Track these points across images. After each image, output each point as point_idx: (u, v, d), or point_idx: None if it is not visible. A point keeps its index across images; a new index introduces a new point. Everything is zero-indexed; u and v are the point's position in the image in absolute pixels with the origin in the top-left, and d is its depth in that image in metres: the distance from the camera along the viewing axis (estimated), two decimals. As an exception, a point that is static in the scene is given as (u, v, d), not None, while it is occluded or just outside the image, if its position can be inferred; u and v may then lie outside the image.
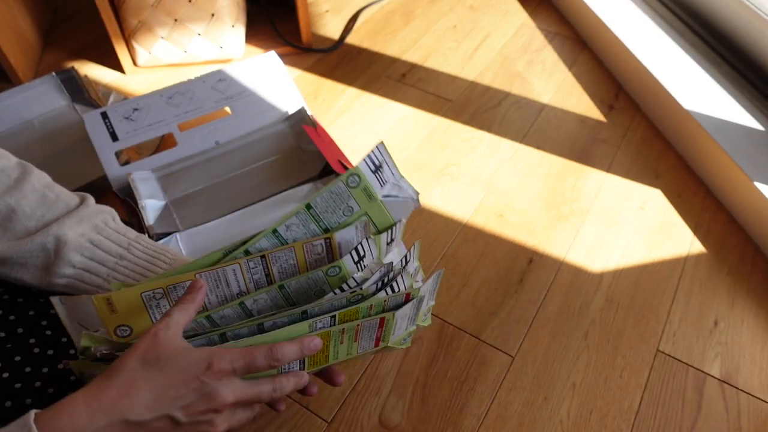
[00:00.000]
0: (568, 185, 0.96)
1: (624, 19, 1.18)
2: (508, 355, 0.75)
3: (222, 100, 0.85)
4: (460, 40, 1.27)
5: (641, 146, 1.03)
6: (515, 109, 1.10)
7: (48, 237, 0.45)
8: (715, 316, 0.79)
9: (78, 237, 0.46)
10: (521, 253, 0.86)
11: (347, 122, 1.07)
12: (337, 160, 0.78)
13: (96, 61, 1.19)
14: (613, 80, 1.17)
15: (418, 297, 0.49)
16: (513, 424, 0.68)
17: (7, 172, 0.47)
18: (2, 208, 0.45)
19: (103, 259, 0.48)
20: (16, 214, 0.45)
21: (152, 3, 1.03)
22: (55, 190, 0.49)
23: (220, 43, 1.12)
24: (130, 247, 0.49)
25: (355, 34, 1.28)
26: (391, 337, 0.50)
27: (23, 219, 0.46)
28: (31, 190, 0.47)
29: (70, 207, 0.48)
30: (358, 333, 0.46)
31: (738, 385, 0.72)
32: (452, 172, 0.98)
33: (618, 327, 0.78)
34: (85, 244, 0.47)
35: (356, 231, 0.49)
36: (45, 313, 0.49)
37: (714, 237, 0.89)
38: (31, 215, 0.46)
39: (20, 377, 0.44)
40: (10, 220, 0.45)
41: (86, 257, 0.47)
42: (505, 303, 0.80)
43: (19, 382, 0.44)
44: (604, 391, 0.71)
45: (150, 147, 0.96)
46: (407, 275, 0.50)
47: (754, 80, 1.01)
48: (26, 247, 0.45)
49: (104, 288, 0.48)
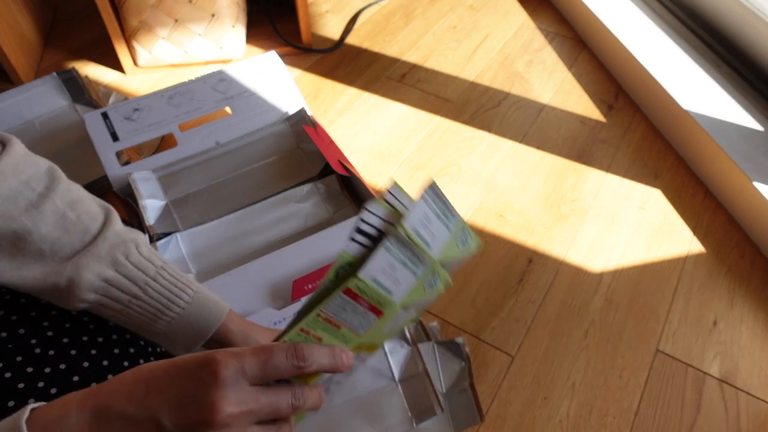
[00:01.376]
0: (568, 185, 0.96)
1: (624, 19, 1.18)
2: (507, 354, 0.75)
3: (222, 101, 0.85)
4: (460, 41, 1.27)
5: (641, 146, 1.03)
6: (515, 109, 1.10)
7: (61, 279, 0.43)
8: (715, 315, 0.79)
9: (93, 277, 0.44)
10: (521, 253, 0.86)
11: (347, 122, 1.07)
12: (337, 160, 0.78)
13: (96, 62, 1.19)
14: (613, 80, 1.17)
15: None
16: (513, 423, 0.68)
17: (32, 185, 0.45)
18: (18, 229, 0.43)
19: (117, 297, 0.45)
20: (31, 236, 0.42)
21: (153, 3, 1.03)
22: (77, 209, 0.45)
23: (220, 43, 1.12)
24: (146, 286, 0.46)
25: (355, 34, 1.28)
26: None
27: (38, 241, 0.43)
28: (52, 211, 0.44)
29: (89, 231, 0.45)
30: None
31: (737, 384, 0.73)
32: (452, 172, 0.98)
33: (617, 327, 0.78)
34: (99, 283, 0.44)
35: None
36: (47, 313, 0.49)
37: (713, 237, 0.89)
38: (46, 237, 0.43)
39: (23, 377, 0.44)
40: (24, 241, 0.43)
41: (100, 295, 0.45)
42: (505, 303, 0.80)
43: (22, 382, 0.44)
44: (604, 391, 0.72)
45: (150, 147, 0.96)
46: None
47: (754, 80, 1.01)
48: (38, 285, 0.43)
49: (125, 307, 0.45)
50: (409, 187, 0.95)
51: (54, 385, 0.45)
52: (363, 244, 0.34)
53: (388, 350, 0.56)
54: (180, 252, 0.71)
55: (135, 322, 0.47)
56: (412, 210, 0.34)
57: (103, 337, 0.49)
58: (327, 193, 0.78)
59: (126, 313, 0.46)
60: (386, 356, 0.56)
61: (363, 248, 0.34)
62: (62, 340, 0.47)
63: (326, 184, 0.79)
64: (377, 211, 0.34)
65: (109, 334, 0.50)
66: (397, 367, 0.55)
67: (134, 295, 0.46)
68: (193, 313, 0.48)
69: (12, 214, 0.43)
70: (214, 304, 0.50)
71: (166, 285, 0.47)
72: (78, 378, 0.46)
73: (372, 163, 0.99)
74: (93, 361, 0.48)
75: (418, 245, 0.34)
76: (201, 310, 0.48)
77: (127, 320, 0.47)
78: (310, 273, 0.62)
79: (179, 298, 0.47)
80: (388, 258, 0.33)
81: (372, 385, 0.54)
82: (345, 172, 0.73)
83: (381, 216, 0.34)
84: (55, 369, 0.46)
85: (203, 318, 0.48)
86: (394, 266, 0.34)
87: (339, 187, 0.79)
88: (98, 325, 0.50)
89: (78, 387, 0.46)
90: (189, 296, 0.48)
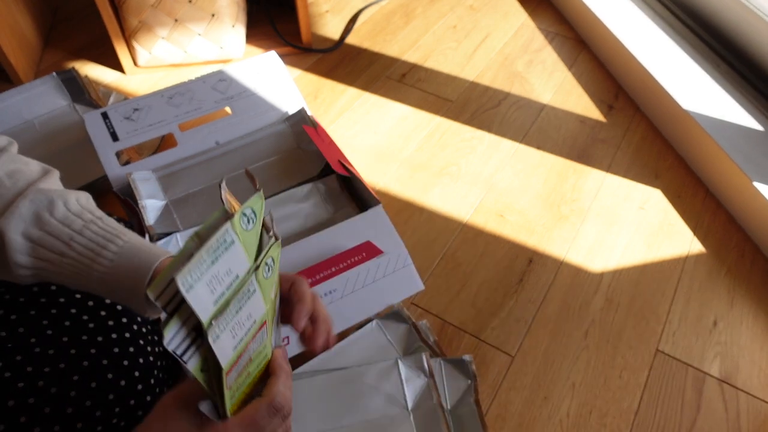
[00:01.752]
0: (568, 185, 0.96)
1: (624, 19, 1.18)
2: (507, 354, 0.75)
3: (222, 100, 0.85)
4: (460, 40, 1.27)
5: (641, 146, 1.03)
6: (515, 109, 1.10)
7: None
8: (715, 315, 0.79)
9: (17, 237, 0.43)
10: (521, 253, 0.86)
11: (347, 122, 1.07)
12: (337, 161, 0.78)
13: (96, 62, 1.19)
14: (613, 80, 1.17)
15: None
16: (513, 423, 0.68)
17: None
18: None
19: (46, 257, 0.44)
20: None
21: (152, 3, 1.03)
22: (15, 178, 0.44)
23: (220, 43, 1.12)
24: (71, 241, 0.45)
25: (355, 34, 1.28)
26: None
27: None
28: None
29: (12, 188, 0.44)
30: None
31: (737, 384, 0.73)
32: (452, 172, 0.98)
33: (618, 327, 0.78)
34: (25, 243, 0.43)
35: None
36: (47, 312, 0.49)
37: (713, 237, 0.89)
38: None
39: (22, 377, 0.44)
40: None
41: (32, 257, 0.44)
42: (505, 303, 0.80)
43: (22, 382, 0.44)
44: (604, 391, 0.72)
45: (150, 147, 0.96)
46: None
47: (754, 80, 1.01)
48: None
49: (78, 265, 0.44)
50: (409, 187, 0.96)
51: (54, 384, 0.45)
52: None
53: (404, 378, 0.56)
54: (177, 244, 0.71)
55: (70, 280, 0.45)
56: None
57: (103, 336, 0.49)
58: (327, 194, 0.78)
59: (60, 273, 0.45)
60: (402, 384, 0.56)
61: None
62: (62, 339, 0.47)
63: (326, 184, 0.79)
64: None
65: (108, 333, 0.50)
66: (412, 396, 0.56)
67: (60, 252, 0.44)
68: (123, 264, 0.45)
69: None
70: (146, 253, 0.46)
71: (93, 237, 0.45)
72: (78, 377, 0.46)
73: (372, 163, 0.99)
74: (92, 360, 0.48)
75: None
76: (132, 259, 0.45)
77: (64, 280, 0.45)
78: (310, 267, 0.62)
79: (106, 250, 0.45)
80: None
81: (384, 410, 0.54)
82: (345, 173, 0.73)
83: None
84: (55, 368, 0.46)
85: (134, 268, 0.45)
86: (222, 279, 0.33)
87: (339, 187, 0.79)
88: (98, 324, 0.50)
89: (78, 386, 0.46)
90: (118, 246, 0.45)
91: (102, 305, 0.52)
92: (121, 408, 0.47)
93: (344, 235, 0.66)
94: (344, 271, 0.62)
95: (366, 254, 0.64)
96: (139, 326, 0.53)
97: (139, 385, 0.49)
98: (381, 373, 0.56)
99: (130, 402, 0.48)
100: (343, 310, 0.61)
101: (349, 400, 0.54)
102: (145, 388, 0.50)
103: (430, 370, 0.57)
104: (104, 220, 0.46)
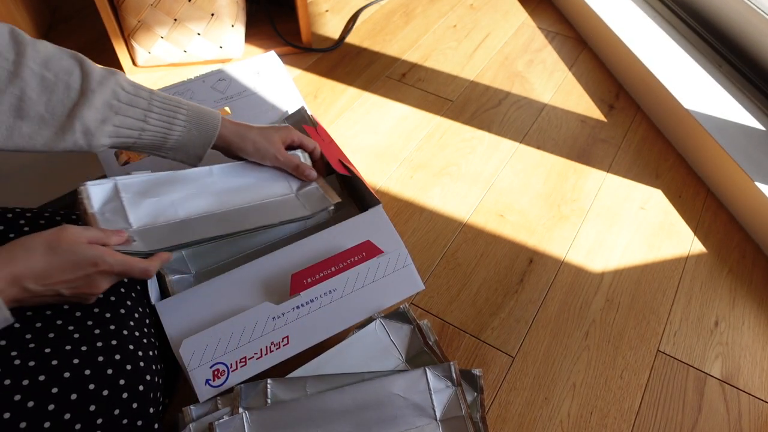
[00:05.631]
0: (569, 185, 0.96)
1: (624, 18, 1.17)
2: (508, 355, 0.74)
3: (222, 100, 0.84)
4: (461, 40, 1.26)
5: (642, 146, 1.03)
6: (515, 109, 1.10)
7: (76, 135, 0.50)
8: (716, 316, 0.79)
9: (100, 125, 0.51)
10: (521, 253, 0.86)
11: (347, 122, 1.07)
12: (337, 160, 0.77)
13: (95, 61, 1.18)
14: (614, 80, 1.17)
15: None
16: (513, 424, 0.68)
17: (5, 55, 0.48)
18: (13, 99, 0.48)
19: (128, 135, 0.54)
20: (24, 102, 0.48)
21: (152, 2, 1.03)
22: (52, 68, 0.50)
23: (219, 42, 1.11)
24: (146, 118, 0.54)
25: (355, 33, 1.28)
26: None
27: (34, 106, 0.48)
28: (31, 76, 0.48)
29: (72, 87, 0.50)
30: None
31: (739, 385, 0.72)
32: (452, 171, 0.98)
33: (618, 327, 0.78)
34: (109, 128, 0.52)
35: None
36: (31, 326, 0.48)
37: (715, 237, 0.89)
38: (37, 101, 0.48)
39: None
40: (21, 109, 0.48)
41: (114, 137, 0.53)
42: (506, 303, 0.80)
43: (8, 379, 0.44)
44: (605, 392, 0.71)
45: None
46: None
47: (755, 80, 1.01)
48: (61, 145, 0.50)
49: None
50: (409, 187, 0.95)
51: (31, 398, 0.44)
52: None
53: (432, 388, 0.56)
54: (180, 252, 0.70)
55: (149, 147, 0.57)
56: None
57: (87, 346, 0.49)
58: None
59: (140, 144, 0.55)
60: (430, 394, 0.56)
61: None
62: (44, 351, 0.47)
63: (327, 183, 0.79)
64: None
65: (93, 342, 0.49)
66: (440, 406, 0.55)
67: (140, 128, 0.54)
68: (193, 128, 0.58)
69: (0, 87, 0.47)
70: (208, 116, 0.59)
71: (162, 111, 0.55)
72: (57, 389, 0.45)
73: (372, 162, 0.99)
74: (74, 370, 0.47)
75: None
76: (199, 124, 0.58)
77: (142, 147, 0.56)
78: (309, 267, 0.61)
79: (177, 119, 0.56)
80: None
81: (413, 422, 0.54)
82: (345, 172, 0.73)
83: None
84: (34, 381, 0.45)
85: (203, 131, 0.58)
86: None
87: (339, 187, 0.78)
88: (83, 334, 0.49)
89: (57, 399, 0.45)
90: (184, 115, 0.57)
91: (89, 315, 0.51)
92: (104, 419, 0.47)
93: (344, 235, 0.66)
94: (344, 270, 0.62)
95: (366, 254, 0.64)
96: (131, 331, 0.52)
97: (124, 394, 0.48)
98: (409, 382, 0.56)
99: (114, 412, 0.47)
100: (343, 309, 0.61)
101: (378, 412, 0.54)
102: (132, 396, 0.49)
103: (458, 380, 0.57)
104: (153, 91, 0.56)
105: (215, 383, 0.54)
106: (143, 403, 0.50)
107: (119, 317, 0.52)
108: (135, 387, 0.50)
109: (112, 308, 0.53)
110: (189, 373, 0.53)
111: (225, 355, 0.55)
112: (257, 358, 0.56)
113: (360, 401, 0.54)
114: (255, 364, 0.56)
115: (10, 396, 0.44)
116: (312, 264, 0.62)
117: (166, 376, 0.58)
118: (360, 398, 0.54)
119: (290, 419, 0.52)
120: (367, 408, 0.54)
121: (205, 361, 0.54)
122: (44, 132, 0.49)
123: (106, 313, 0.52)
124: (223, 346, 0.55)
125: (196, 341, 0.54)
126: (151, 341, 0.55)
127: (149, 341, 0.54)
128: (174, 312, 0.57)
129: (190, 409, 0.52)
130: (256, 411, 0.51)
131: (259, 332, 0.57)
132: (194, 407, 0.52)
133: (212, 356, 0.55)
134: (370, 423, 0.53)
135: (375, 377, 0.56)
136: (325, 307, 0.60)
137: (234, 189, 0.67)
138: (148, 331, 0.55)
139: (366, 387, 0.55)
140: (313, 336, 0.59)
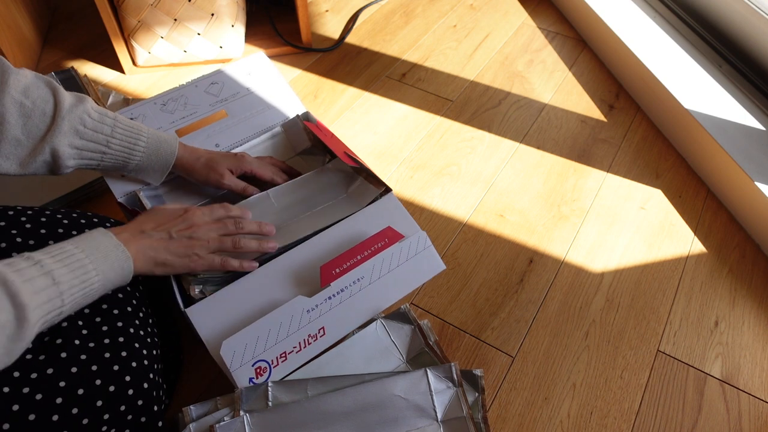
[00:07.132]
0: (569, 185, 0.96)
1: (625, 18, 1.17)
2: (508, 355, 0.74)
3: (217, 103, 0.84)
4: (461, 40, 1.26)
5: (642, 146, 1.03)
6: (515, 109, 1.10)
7: (46, 155, 0.54)
8: (716, 316, 0.79)
9: (66, 148, 0.55)
10: (521, 253, 0.86)
11: (347, 122, 1.07)
12: (343, 152, 0.77)
13: (95, 61, 1.19)
14: (614, 80, 1.17)
15: None
16: (513, 424, 0.68)
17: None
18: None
19: (91, 157, 0.59)
20: (3, 126, 0.52)
21: (152, 2, 1.03)
22: (30, 96, 0.54)
23: (219, 42, 1.11)
24: (108, 144, 0.59)
25: (355, 33, 1.28)
26: None
27: (12, 129, 0.52)
28: (11, 102, 0.52)
29: (47, 113, 0.54)
30: None
31: (739, 385, 0.72)
32: (452, 171, 0.98)
33: (618, 327, 0.78)
34: (73, 151, 0.56)
35: None
36: (20, 358, 0.48)
37: (715, 237, 0.89)
38: (15, 125, 0.52)
39: (8, 383, 0.44)
40: (1, 133, 0.52)
41: (78, 159, 0.57)
42: (506, 303, 0.80)
43: (7, 387, 0.44)
44: (605, 392, 0.71)
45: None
46: None
47: (755, 80, 1.01)
48: (32, 167, 0.54)
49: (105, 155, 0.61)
50: (409, 187, 0.95)
51: (39, 391, 0.44)
52: None
53: (433, 389, 0.56)
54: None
55: (111, 169, 0.62)
56: None
57: (95, 342, 0.49)
58: (340, 171, 0.77)
59: (102, 166, 0.61)
60: (431, 395, 0.56)
61: None
62: (54, 342, 0.47)
63: (336, 165, 0.78)
64: None
65: (101, 339, 0.49)
66: (441, 407, 0.56)
67: (102, 152, 0.59)
68: (152, 153, 0.63)
69: None
70: (165, 142, 0.65)
71: (124, 137, 0.60)
72: (65, 383, 0.46)
73: (372, 163, 0.99)
74: (81, 366, 0.47)
75: None
76: (158, 149, 0.64)
77: (105, 169, 0.62)
78: (337, 257, 0.62)
79: (138, 144, 0.62)
80: None
81: (415, 423, 0.54)
82: (354, 164, 0.73)
83: None
84: (42, 374, 0.45)
85: (162, 156, 0.64)
86: None
87: (350, 168, 0.78)
88: (91, 330, 0.49)
89: (64, 393, 0.45)
90: (144, 142, 0.62)
91: (98, 311, 0.51)
92: (111, 414, 0.47)
93: (364, 223, 0.67)
94: (370, 257, 0.63)
95: (389, 239, 0.65)
96: (136, 329, 0.52)
97: (130, 390, 0.49)
98: (410, 384, 0.56)
99: (120, 408, 0.48)
100: (372, 296, 0.61)
101: (379, 413, 0.54)
102: (137, 393, 0.49)
103: (459, 380, 0.57)
104: (117, 117, 0.61)
105: (258, 381, 0.54)
106: (148, 400, 0.51)
107: (126, 315, 0.53)
108: (140, 384, 0.50)
109: (119, 306, 0.53)
110: (232, 373, 0.53)
111: (265, 352, 0.55)
112: (297, 351, 0.57)
113: (361, 403, 0.54)
114: (295, 358, 0.56)
115: (19, 388, 0.44)
116: (338, 254, 0.63)
117: (166, 377, 0.58)
118: (361, 400, 0.54)
119: (291, 421, 0.52)
120: (368, 409, 0.54)
121: (246, 360, 0.54)
122: (19, 152, 0.53)
123: (114, 309, 0.52)
124: (262, 344, 0.55)
125: (235, 342, 0.54)
126: (154, 341, 0.55)
127: (152, 340, 0.55)
128: (205, 316, 0.57)
129: (190, 409, 0.52)
130: (257, 413, 0.51)
131: (295, 326, 0.57)
132: (194, 407, 0.53)
133: (253, 354, 0.55)
134: (372, 424, 0.54)
135: (376, 379, 0.56)
136: (355, 295, 0.61)
137: (291, 204, 0.70)
138: (151, 331, 0.56)
139: (367, 388, 0.55)
140: (348, 324, 0.60)
